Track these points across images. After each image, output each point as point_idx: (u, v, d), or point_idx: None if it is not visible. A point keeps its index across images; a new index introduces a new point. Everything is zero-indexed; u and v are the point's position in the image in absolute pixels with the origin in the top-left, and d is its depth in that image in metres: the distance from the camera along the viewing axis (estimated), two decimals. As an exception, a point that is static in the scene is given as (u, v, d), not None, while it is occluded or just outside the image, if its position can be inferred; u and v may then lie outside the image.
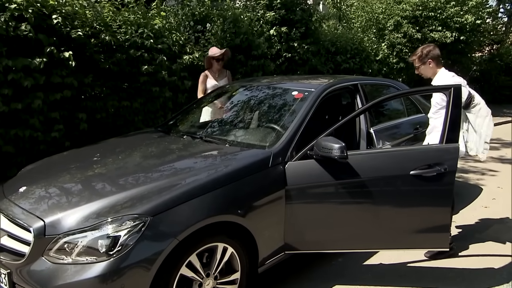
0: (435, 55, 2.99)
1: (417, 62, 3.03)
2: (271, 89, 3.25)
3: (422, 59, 3.01)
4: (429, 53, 2.99)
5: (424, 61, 3.00)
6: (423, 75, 3.09)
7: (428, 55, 2.99)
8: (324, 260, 2.86)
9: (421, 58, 3.01)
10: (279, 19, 6.37)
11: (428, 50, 3.01)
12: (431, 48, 3.03)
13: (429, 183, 2.32)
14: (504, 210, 3.91)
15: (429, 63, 2.99)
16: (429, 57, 2.99)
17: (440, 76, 2.98)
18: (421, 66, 3.03)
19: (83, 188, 2.14)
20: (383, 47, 9.19)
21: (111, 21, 4.24)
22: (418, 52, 3.04)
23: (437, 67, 3.01)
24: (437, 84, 2.93)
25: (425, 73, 3.06)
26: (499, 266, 2.82)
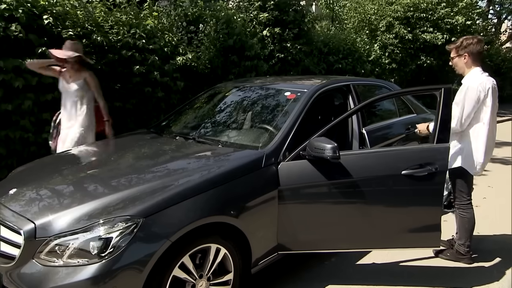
0: (474, 51, 2.67)
1: (453, 52, 2.74)
2: (264, 89, 3.26)
3: (458, 51, 2.71)
4: (468, 46, 2.67)
5: (460, 54, 2.70)
6: (456, 68, 2.80)
7: (467, 48, 2.67)
8: (317, 260, 2.87)
9: (458, 49, 2.71)
10: (272, 20, 6.38)
11: (468, 43, 2.67)
12: (473, 42, 2.67)
13: (421, 182, 2.34)
14: (494, 209, 3.95)
15: (465, 57, 2.69)
16: (466, 51, 2.68)
17: (470, 76, 2.70)
18: (456, 58, 2.74)
19: (74, 189, 2.13)
20: (376, 48, 9.25)
21: (102, 22, 4.22)
22: (458, 42, 2.74)
23: (472, 65, 2.70)
24: (464, 83, 2.69)
25: (457, 67, 2.77)
26: (489, 265, 2.85)
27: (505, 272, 2.73)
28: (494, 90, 2.67)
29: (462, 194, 2.79)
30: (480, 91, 2.61)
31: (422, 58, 9.52)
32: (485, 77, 2.68)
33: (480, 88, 2.61)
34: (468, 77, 2.72)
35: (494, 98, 2.67)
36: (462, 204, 2.80)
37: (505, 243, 3.20)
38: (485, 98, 2.63)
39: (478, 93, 2.61)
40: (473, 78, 2.69)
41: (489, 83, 2.65)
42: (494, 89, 2.68)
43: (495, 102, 2.70)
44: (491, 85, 2.64)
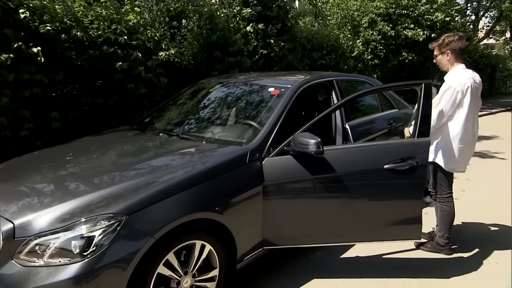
0: (456, 48, 2.68)
1: (436, 50, 2.76)
2: (248, 85, 3.25)
3: (441, 48, 2.72)
4: (450, 43, 2.68)
5: (442, 51, 2.72)
6: (439, 65, 2.82)
7: (449, 45, 2.69)
8: (302, 255, 2.90)
9: (440, 47, 2.73)
10: (255, 16, 6.37)
11: (450, 40, 2.69)
12: (455, 39, 2.69)
13: (402, 176, 2.39)
14: (472, 201, 4.07)
15: (447, 54, 2.71)
16: (449, 48, 2.69)
17: (453, 73, 2.72)
18: (439, 56, 2.75)
19: (55, 188, 2.08)
20: (358, 44, 9.36)
21: (82, 17, 4.12)
22: (440, 39, 2.75)
23: (455, 61, 2.72)
24: (446, 82, 2.71)
25: (441, 64, 2.79)
26: (467, 255, 2.94)
27: (482, 262, 2.82)
28: (474, 88, 2.69)
29: (442, 188, 2.86)
30: (458, 91, 2.64)
31: (403, 54, 9.68)
32: (467, 75, 2.70)
33: (458, 88, 2.65)
34: (451, 75, 2.75)
35: (474, 96, 2.69)
36: (442, 197, 2.87)
37: (483, 234, 3.30)
38: (463, 98, 2.66)
39: (456, 94, 2.64)
40: (455, 76, 2.71)
41: (469, 82, 2.67)
42: (475, 87, 2.70)
43: (475, 100, 2.72)
44: (470, 84, 2.66)
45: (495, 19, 20.44)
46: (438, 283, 2.55)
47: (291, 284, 2.53)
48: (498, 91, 17.01)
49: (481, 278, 2.62)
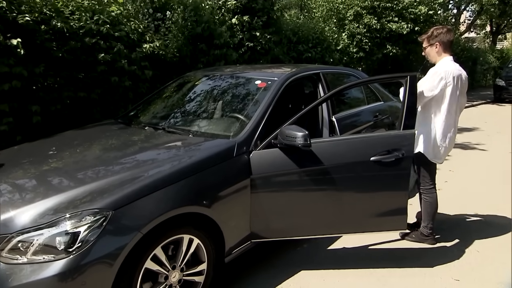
0: (444, 40, 2.74)
1: (425, 42, 2.81)
2: (234, 78, 3.23)
3: (429, 40, 2.77)
4: (439, 35, 2.74)
5: (431, 43, 2.77)
6: (428, 57, 2.87)
7: (437, 37, 2.74)
8: (289, 247, 2.92)
9: (429, 38, 2.78)
10: (240, 8, 6.30)
11: (439, 32, 2.75)
12: (444, 31, 2.75)
13: (388, 168, 2.42)
14: (455, 192, 4.16)
15: (436, 46, 2.76)
16: (437, 40, 2.75)
17: (441, 63, 2.77)
18: (428, 48, 2.80)
19: (37, 183, 2.03)
20: (344, 37, 9.39)
21: (62, 7, 4.00)
22: (429, 32, 2.81)
23: (443, 53, 2.78)
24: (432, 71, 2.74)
25: (429, 56, 2.84)
26: (450, 244, 3.01)
27: (464, 251, 2.90)
28: (460, 81, 2.73)
29: (425, 179, 2.91)
30: (442, 77, 2.67)
31: (388, 47, 9.77)
32: (455, 66, 2.75)
33: (443, 75, 2.68)
34: (438, 65, 2.78)
35: (459, 88, 2.73)
36: (425, 188, 2.92)
37: (465, 224, 3.39)
38: (447, 87, 2.69)
39: (440, 80, 2.67)
40: (443, 65, 2.75)
41: (456, 72, 2.71)
42: (461, 80, 2.74)
43: (460, 94, 2.76)
44: (456, 75, 2.70)
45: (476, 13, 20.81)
46: (422, 271, 2.61)
47: (279, 277, 2.54)
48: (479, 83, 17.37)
49: (463, 266, 2.69)
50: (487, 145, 6.46)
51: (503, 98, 12.31)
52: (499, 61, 18.12)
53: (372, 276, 2.56)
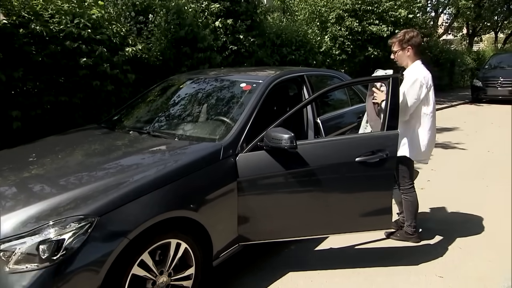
0: (416, 43, 2.78)
1: (397, 46, 2.81)
2: (219, 81, 3.23)
3: (402, 44, 2.78)
4: (411, 39, 2.76)
5: (403, 47, 2.79)
6: (398, 61, 2.90)
7: (410, 41, 2.76)
8: (277, 249, 2.92)
9: (401, 42, 2.78)
10: (224, 11, 6.31)
11: (411, 36, 2.77)
12: (414, 35, 2.78)
13: (373, 168, 2.45)
14: (437, 190, 4.26)
15: (408, 50, 2.79)
16: (410, 43, 2.76)
17: (413, 68, 2.82)
18: (399, 52, 2.82)
19: (18, 191, 1.98)
20: (326, 40, 9.50)
21: (41, 10, 3.92)
22: (400, 35, 2.81)
23: (414, 57, 2.82)
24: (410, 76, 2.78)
25: (401, 60, 2.86)
26: (434, 242, 3.07)
27: (447, 248, 2.96)
28: (432, 82, 2.84)
29: (405, 180, 2.96)
30: (422, 84, 2.75)
31: (369, 49, 9.93)
32: (426, 70, 2.83)
33: (423, 81, 2.76)
34: (412, 70, 2.84)
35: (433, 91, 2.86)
36: (405, 188, 2.97)
37: (447, 222, 3.47)
38: (429, 91, 2.80)
39: (421, 87, 2.76)
40: (417, 70, 2.81)
41: (429, 75, 2.81)
42: (432, 81, 2.85)
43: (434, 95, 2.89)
44: (430, 77, 2.81)
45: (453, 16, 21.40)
46: (408, 269, 2.65)
47: (267, 279, 2.54)
48: (457, 84, 17.81)
49: (446, 263, 2.75)
50: (467, 144, 6.63)
51: (480, 99, 12.67)
52: (476, 62, 18.64)
53: (359, 276, 2.58)
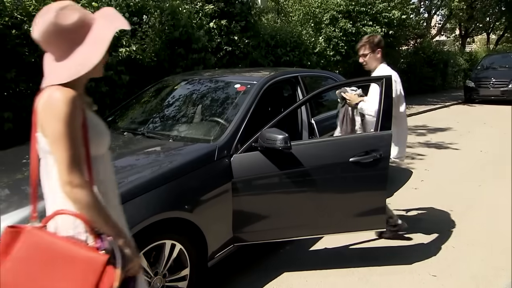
0: (382, 46, 2.88)
1: (367, 49, 2.87)
2: (214, 82, 3.23)
3: (372, 47, 2.85)
4: (380, 42, 2.84)
5: (374, 50, 2.85)
6: (368, 64, 2.94)
7: (379, 44, 2.84)
8: (272, 249, 2.93)
9: (372, 45, 2.85)
10: (218, 12, 6.32)
11: (379, 39, 2.85)
12: (380, 38, 2.88)
13: (367, 168, 2.47)
14: (430, 190, 4.29)
15: (378, 52, 2.86)
16: (379, 46, 2.84)
17: (382, 70, 2.88)
18: (370, 55, 2.88)
19: (11, 193, 1.97)
20: (320, 41, 9.54)
21: (34, 11, 3.90)
22: (369, 38, 2.87)
23: (381, 59, 2.91)
24: None
25: (370, 62, 2.91)
26: (427, 241, 3.10)
27: (441, 247, 2.98)
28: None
29: None
30: (396, 81, 2.80)
31: (363, 50, 9.98)
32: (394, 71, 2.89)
33: (398, 79, 2.84)
34: (383, 71, 2.87)
35: None
36: None
37: (440, 221, 3.49)
38: (401, 89, 2.88)
39: (399, 84, 2.83)
40: (388, 70, 2.86)
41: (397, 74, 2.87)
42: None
43: None
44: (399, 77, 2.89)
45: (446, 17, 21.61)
46: (402, 269, 2.67)
47: (262, 279, 2.55)
48: (450, 85, 17.96)
49: (440, 262, 2.77)
50: (460, 144, 6.69)
51: (473, 99, 12.79)
52: (468, 63, 18.82)
53: (354, 275, 2.60)
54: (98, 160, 1.22)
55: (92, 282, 1.07)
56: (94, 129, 1.20)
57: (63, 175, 1.08)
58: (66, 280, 1.08)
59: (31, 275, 1.10)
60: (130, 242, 1.22)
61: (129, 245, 1.20)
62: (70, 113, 1.08)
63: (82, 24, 1.15)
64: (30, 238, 1.14)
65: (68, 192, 1.09)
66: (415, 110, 10.56)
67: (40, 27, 1.14)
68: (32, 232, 1.14)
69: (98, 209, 1.12)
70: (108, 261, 1.10)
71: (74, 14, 1.14)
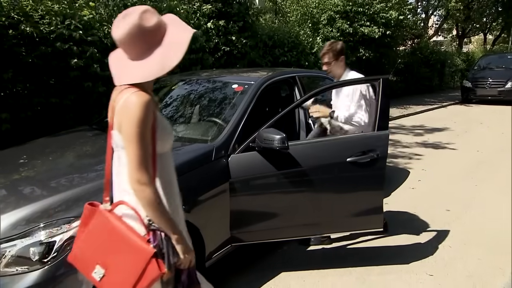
0: (344, 53, 2.85)
1: (331, 57, 2.81)
2: (211, 82, 3.23)
3: (335, 55, 2.79)
4: (342, 49, 2.80)
5: (337, 57, 2.80)
6: (332, 72, 2.91)
7: (342, 52, 2.80)
8: (269, 249, 2.93)
9: (335, 53, 2.79)
10: (216, 12, 6.32)
11: (342, 46, 2.80)
12: (342, 44, 2.82)
13: (364, 168, 2.47)
14: (427, 190, 4.31)
15: (341, 59, 2.83)
16: (342, 53, 2.80)
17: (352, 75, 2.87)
18: (333, 62, 2.82)
19: (8, 193, 1.96)
20: (318, 41, 9.55)
21: (31, 11, 3.89)
22: (331, 46, 2.80)
23: (346, 66, 2.88)
24: None
25: (335, 70, 2.87)
26: (424, 241, 3.11)
27: (438, 247, 3.00)
28: None
29: None
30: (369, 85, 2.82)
31: (361, 51, 10.01)
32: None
33: None
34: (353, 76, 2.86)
35: None
36: None
37: (438, 221, 3.51)
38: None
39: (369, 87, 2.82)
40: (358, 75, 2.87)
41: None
42: None
43: None
44: None
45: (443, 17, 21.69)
46: (399, 268, 2.68)
47: (260, 279, 2.55)
48: (447, 85, 18.01)
49: (436, 261, 2.78)
50: (457, 144, 6.72)
51: (470, 99, 12.84)
52: (465, 63, 18.88)
53: (351, 275, 2.61)
54: (163, 157, 1.36)
55: (139, 269, 1.23)
56: (162, 129, 1.32)
57: (132, 173, 1.22)
58: (123, 261, 1.26)
59: (98, 248, 1.31)
60: (183, 238, 1.34)
61: (182, 241, 1.32)
62: (144, 117, 1.21)
63: (160, 27, 1.26)
64: (100, 217, 1.33)
65: (136, 189, 1.23)
66: (413, 110, 10.59)
67: (124, 28, 1.23)
68: (102, 213, 1.33)
69: (158, 207, 1.25)
70: (155, 254, 1.24)
71: (154, 17, 1.26)
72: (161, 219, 1.26)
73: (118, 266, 1.26)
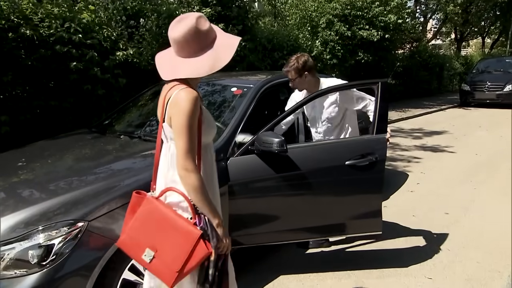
0: (311, 67, 2.70)
1: (294, 74, 2.68)
2: (210, 85, 3.23)
3: (298, 72, 2.67)
4: (306, 64, 2.66)
5: (301, 74, 2.68)
6: (298, 88, 2.83)
7: (305, 67, 2.66)
8: (269, 252, 2.93)
9: (297, 70, 2.66)
10: (215, 16, 6.34)
11: (304, 61, 2.66)
12: (306, 58, 2.68)
13: (362, 172, 2.47)
14: (426, 193, 4.31)
15: (306, 76, 2.69)
16: (305, 70, 2.67)
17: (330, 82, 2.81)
18: (297, 79, 2.70)
19: (6, 196, 1.96)
20: (317, 44, 9.58)
21: (31, 14, 3.90)
22: (293, 63, 2.66)
23: (315, 78, 2.77)
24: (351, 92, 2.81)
25: (301, 86, 2.78)
26: (423, 244, 3.11)
27: (436, 250, 3.00)
28: None
29: None
30: None
31: (360, 54, 10.04)
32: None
33: None
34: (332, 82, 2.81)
35: None
36: None
37: (437, 224, 3.51)
38: None
39: None
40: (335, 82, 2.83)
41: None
42: None
43: None
44: None
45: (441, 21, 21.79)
46: (398, 271, 2.68)
47: (258, 282, 2.55)
48: (446, 88, 18.06)
49: (435, 265, 2.78)
50: (456, 147, 6.73)
51: (468, 102, 12.88)
52: (464, 67, 18.95)
53: (350, 278, 2.60)
54: (207, 147, 1.51)
55: (187, 250, 1.35)
56: (207, 122, 1.48)
57: (180, 160, 1.35)
58: (171, 243, 1.37)
59: (147, 232, 1.41)
60: (222, 223, 1.46)
61: (222, 226, 1.45)
62: (192, 111, 1.36)
63: (212, 31, 1.44)
64: (148, 204, 1.44)
65: (183, 175, 1.36)
66: (411, 113, 10.61)
67: (182, 29, 1.40)
68: (150, 200, 1.45)
69: (202, 192, 1.37)
70: (202, 236, 1.36)
71: (207, 22, 1.44)
72: (204, 204, 1.38)
73: (168, 248, 1.36)
